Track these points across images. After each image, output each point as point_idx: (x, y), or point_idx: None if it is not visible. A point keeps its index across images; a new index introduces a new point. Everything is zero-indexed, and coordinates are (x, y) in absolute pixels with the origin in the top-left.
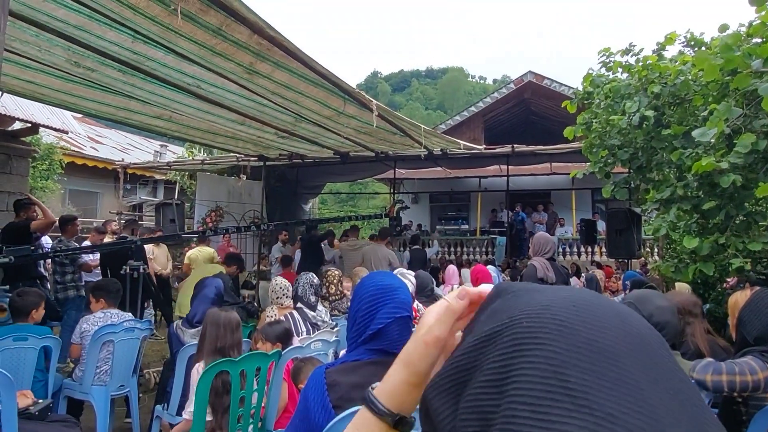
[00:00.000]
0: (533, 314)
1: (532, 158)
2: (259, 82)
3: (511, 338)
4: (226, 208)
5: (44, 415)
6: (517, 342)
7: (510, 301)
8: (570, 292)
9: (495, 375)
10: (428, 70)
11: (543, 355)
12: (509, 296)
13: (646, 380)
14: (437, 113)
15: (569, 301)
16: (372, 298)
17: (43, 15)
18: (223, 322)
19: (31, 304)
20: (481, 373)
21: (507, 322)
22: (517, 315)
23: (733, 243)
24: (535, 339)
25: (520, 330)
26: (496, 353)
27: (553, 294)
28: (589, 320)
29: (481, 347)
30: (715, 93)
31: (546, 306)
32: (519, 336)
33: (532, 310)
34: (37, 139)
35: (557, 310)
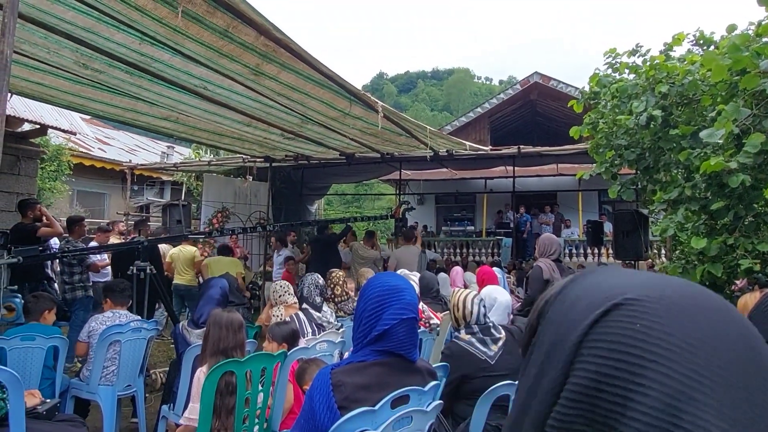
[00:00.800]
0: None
1: (538, 159)
2: (265, 84)
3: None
4: (232, 209)
5: (51, 415)
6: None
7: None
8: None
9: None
10: (434, 71)
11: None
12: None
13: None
14: (443, 114)
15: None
16: (378, 298)
17: (51, 17)
18: (225, 323)
19: (44, 306)
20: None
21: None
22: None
23: (742, 244)
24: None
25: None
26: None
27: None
28: (707, 333)
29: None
30: (724, 93)
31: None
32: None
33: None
34: (46, 140)
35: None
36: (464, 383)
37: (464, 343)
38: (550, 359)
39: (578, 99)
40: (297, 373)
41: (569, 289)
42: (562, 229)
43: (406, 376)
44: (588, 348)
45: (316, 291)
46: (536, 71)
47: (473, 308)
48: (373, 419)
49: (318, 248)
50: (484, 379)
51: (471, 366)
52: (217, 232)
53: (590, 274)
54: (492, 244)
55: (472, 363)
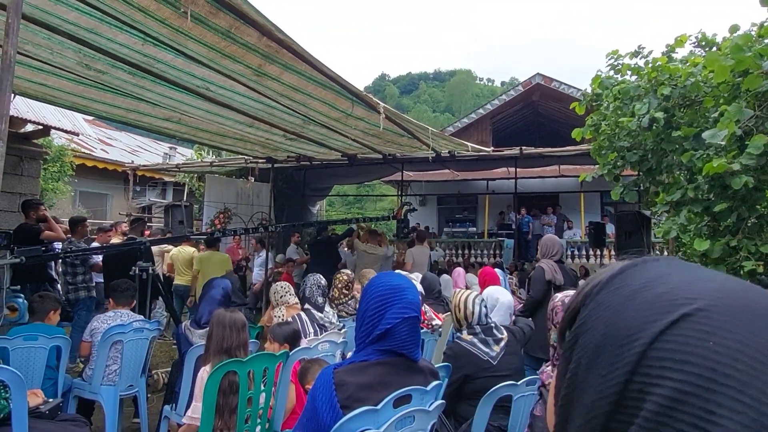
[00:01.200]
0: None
1: (540, 160)
2: (267, 85)
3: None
4: (234, 210)
5: (54, 414)
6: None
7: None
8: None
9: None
10: (436, 72)
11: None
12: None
13: None
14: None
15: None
16: (381, 298)
17: (54, 18)
18: (228, 323)
19: (49, 306)
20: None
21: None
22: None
23: (745, 246)
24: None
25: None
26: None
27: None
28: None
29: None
30: (726, 94)
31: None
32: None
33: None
34: (49, 141)
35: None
36: (466, 383)
37: (466, 343)
38: (601, 356)
39: (580, 101)
40: (300, 372)
41: (627, 277)
42: (564, 231)
43: (409, 376)
44: (654, 362)
45: (318, 291)
46: (538, 72)
47: (474, 309)
48: (375, 418)
49: (318, 250)
50: (486, 380)
51: (473, 366)
52: (219, 232)
53: (651, 265)
54: (494, 245)
55: (474, 363)
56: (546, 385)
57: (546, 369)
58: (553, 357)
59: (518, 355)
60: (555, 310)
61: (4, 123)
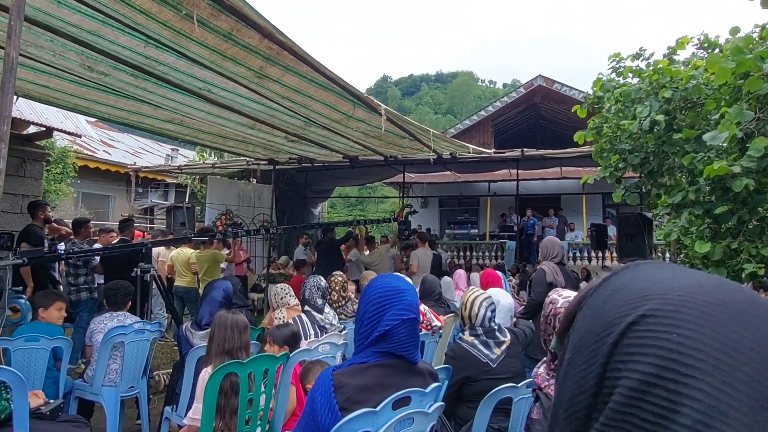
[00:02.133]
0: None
1: (542, 162)
2: (269, 86)
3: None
4: (236, 212)
5: (55, 415)
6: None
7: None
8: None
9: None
10: (438, 74)
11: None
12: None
13: None
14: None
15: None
16: (379, 300)
17: (57, 20)
18: (230, 324)
19: (53, 299)
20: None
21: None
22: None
23: (746, 248)
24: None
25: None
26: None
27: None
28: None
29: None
30: (728, 97)
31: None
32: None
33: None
34: (51, 142)
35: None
36: (466, 385)
37: (467, 344)
38: (580, 352)
39: (582, 103)
40: (301, 373)
41: (615, 279)
42: (566, 232)
43: (408, 378)
44: (623, 356)
45: (317, 293)
46: (540, 74)
47: (479, 311)
48: (374, 420)
49: (321, 251)
50: (486, 382)
51: (473, 368)
52: (220, 234)
53: (639, 267)
54: (495, 247)
55: (474, 365)
56: (542, 387)
57: (540, 372)
58: (550, 363)
59: (519, 358)
60: (558, 317)
61: (6, 125)
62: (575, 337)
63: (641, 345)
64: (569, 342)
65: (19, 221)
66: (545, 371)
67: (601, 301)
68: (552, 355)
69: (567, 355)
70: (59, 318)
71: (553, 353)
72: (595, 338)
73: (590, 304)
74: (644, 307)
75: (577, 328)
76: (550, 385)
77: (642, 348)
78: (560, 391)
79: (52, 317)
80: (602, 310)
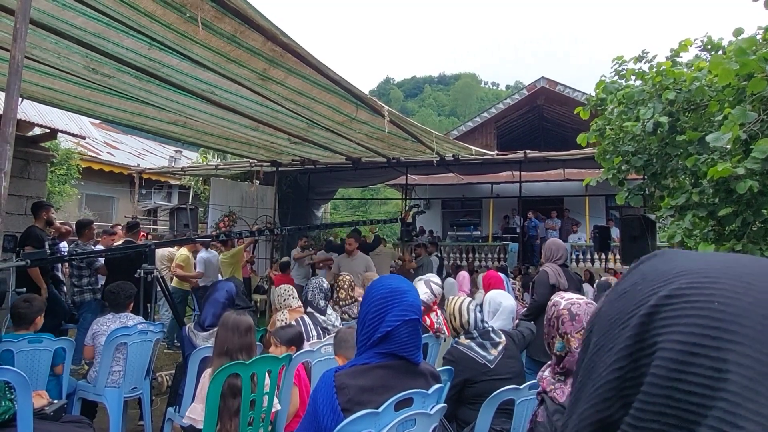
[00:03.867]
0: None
1: (545, 164)
2: (272, 88)
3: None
4: (239, 213)
5: (59, 416)
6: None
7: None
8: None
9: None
10: (441, 76)
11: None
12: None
13: None
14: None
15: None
16: (381, 300)
17: (62, 23)
18: (231, 326)
19: (37, 312)
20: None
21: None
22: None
23: (750, 250)
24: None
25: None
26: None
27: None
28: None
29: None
30: (732, 98)
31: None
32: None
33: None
34: (56, 144)
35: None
36: (467, 387)
37: (464, 347)
38: (610, 333)
39: (585, 105)
40: (336, 342)
41: (638, 269)
42: (569, 234)
43: (410, 379)
44: (659, 328)
45: (320, 295)
46: (543, 76)
47: (470, 316)
48: (376, 421)
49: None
50: (486, 383)
51: (472, 370)
52: (224, 235)
53: (662, 255)
54: (498, 249)
55: (472, 367)
56: (547, 391)
57: (545, 375)
58: (555, 366)
59: (517, 359)
60: (561, 319)
61: (11, 126)
62: (602, 322)
63: (679, 316)
64: (593, 330)
65: (24, 223)
66: (550, 375)
67: (631, 284)
68: (557, 358)
69: (594, 339)
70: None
71: (558, 356)
72: (628, 316)
73: (618, 290)
74: (680, 281)
75: (604, 313)
76: (555, 389)
77: (680, 319)
78: (584, 381)
79: (39, 325)
80: (633, 291)
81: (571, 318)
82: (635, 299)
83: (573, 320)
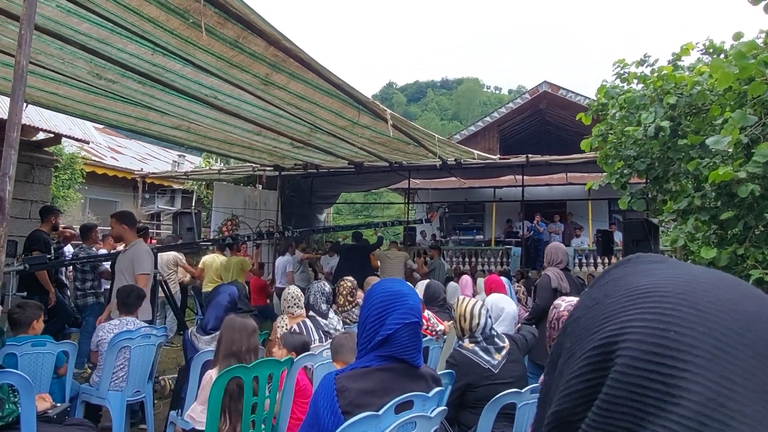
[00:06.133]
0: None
1: (548, 168)
2: (274, 93)
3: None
4: (242, 217)
5: (62, 419)
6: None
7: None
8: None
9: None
10: (443, 80)
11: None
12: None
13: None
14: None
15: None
16: (382, 304)
17: (67, 29)
18: (238, 327)
19: (32, 316)
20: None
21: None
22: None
23: (752, 254)
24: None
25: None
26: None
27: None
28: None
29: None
30: (733, 102)
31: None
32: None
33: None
34: (60, 149)
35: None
36: (469, 391)
37: (467, 351)
38: (581, 342)
39: (587, 110)
40: (332, 348)
41: (610, 274)
42: (572, 238)
43: (410, 382)
44: (621, 350)
45: (322, 298)
46: (545, 80)
47: (481, 320)
48: (377, 424)
49: (352, 257)
50: (488, 388)
51: (475, 374)
52: (230, 239)
53: (635, 263)
54: (501, 253)
55: (475, 371)
56: None
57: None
58: None
59: (520, 363)
60: (561, 321)
61: (16, 131)
62: (576, 329)
63: (638, 341)
64: (568, 333)
65: (28, 227)
66: None
67: (603, 294)
68: None
69: (567, 344)
70: (40, 329)
71: None
72: (596, 328)
73: (592, 297)
74: (645, 304)
75: (578, 319)
76: None
77: (638, 344)
78: (556, 382)
79: (38, 329)
80: (603, 304)
81: None
82: (604, 313)
83: None
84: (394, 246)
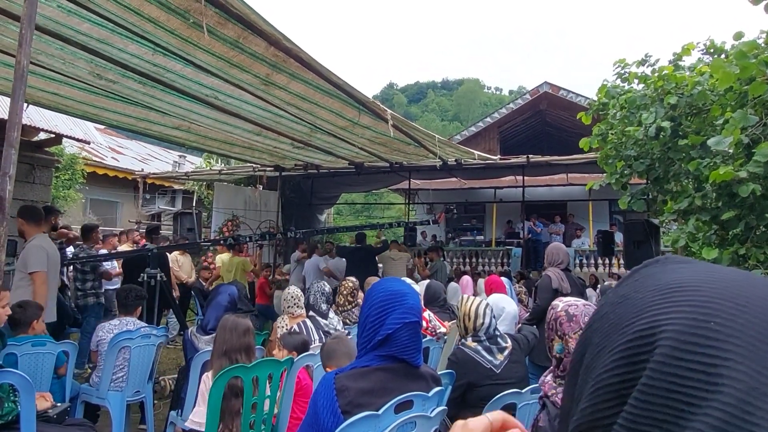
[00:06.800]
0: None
1: (548, 169)
2: (275, 93)
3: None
4: (242, 218)
5: (62, 419)
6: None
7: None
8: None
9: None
10: (444, 81)
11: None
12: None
13: None
14: (453, 124)
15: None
16: (382, 303)
17: (67, 29)
18: (230, 326)
19: (32, 316)
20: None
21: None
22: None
23: (753, 254)
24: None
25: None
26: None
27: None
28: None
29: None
30: (734, 102)
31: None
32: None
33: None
34: (60, 149)
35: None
36: (470, 391)
37: (470, 350)
38: (609, 338)
39: (587, 110)
40: (323, 354)
41: (639, 273)
42: (573, 239)
43: (410, 382)
44: (660, 344)
45: (322, 299)
46: (546, 81)
47: (486, 320)
48: (376, 424)
49: (357, 258)
50: (490, 387)
51: (476, 374)
52: (232, 240)
53: (663, 263)
54: (501, 254)
55: (477, 371)
56: (549, 395)
57: (547, 380)
58: (556, 369)
59: (522, 364)
60: (559, 321)
61: (16, 131)
62: (603, 324)
63: (680, 332)
64: (595, 330)
65: None
66: (552, 379)
67: (632, 290)
68: (556, 360)
69: (595, 340)
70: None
71: (557, 358)
72: (627, 322)
73: (618, 293)
74: (679, 298)
75: (605, 315)
76: (557, 393)
77: (680, 334)
78: (585, 379)
79: (38, 329)
80: (633, 299)
81: (569, 319)
82: (635, 307)
83: (570, 321)
84: (396, 246)
